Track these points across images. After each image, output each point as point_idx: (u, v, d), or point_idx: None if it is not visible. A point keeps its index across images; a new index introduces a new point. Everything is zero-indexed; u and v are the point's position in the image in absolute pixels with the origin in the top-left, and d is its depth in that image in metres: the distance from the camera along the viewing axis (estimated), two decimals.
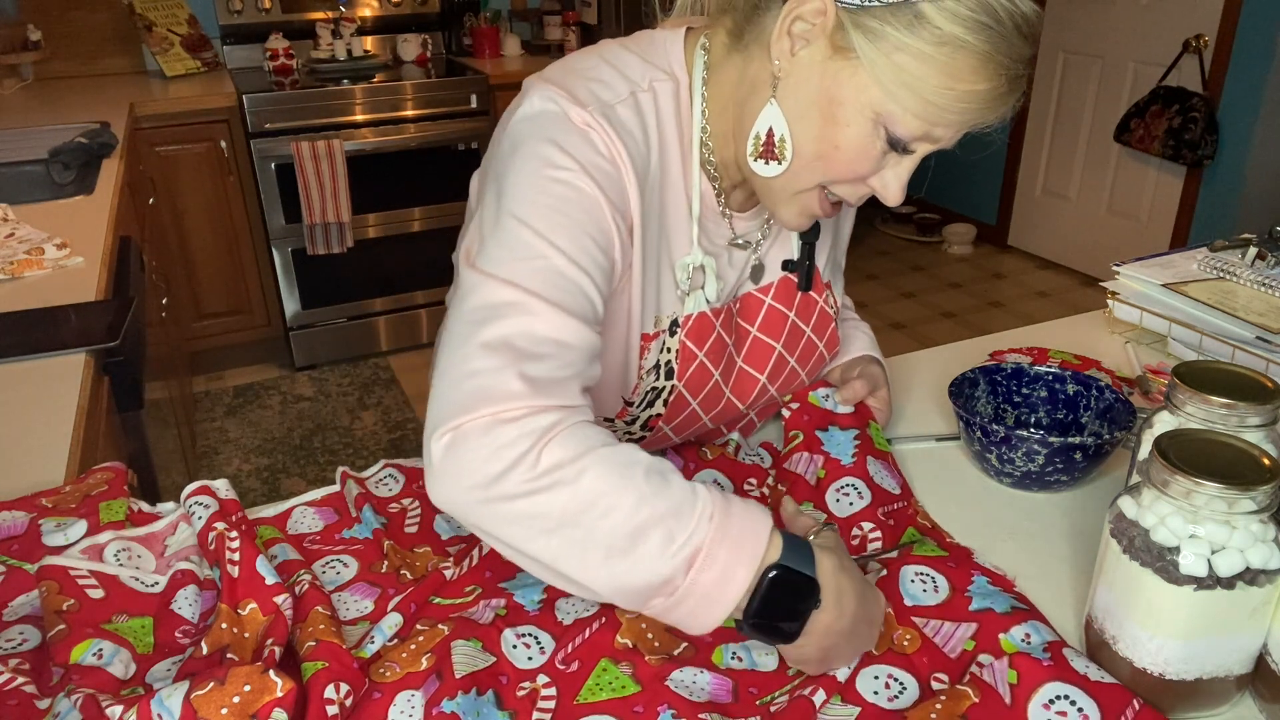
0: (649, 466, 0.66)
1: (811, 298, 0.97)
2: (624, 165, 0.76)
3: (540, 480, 0.62)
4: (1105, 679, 0.65)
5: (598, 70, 0.80)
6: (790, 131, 0.75)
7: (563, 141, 0.74)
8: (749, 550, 0.64)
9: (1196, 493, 0.60)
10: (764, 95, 0.75)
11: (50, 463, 0.95)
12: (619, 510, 0.63)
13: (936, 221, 4.59)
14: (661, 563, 0.63)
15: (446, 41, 3.68)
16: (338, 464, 2.68)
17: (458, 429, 0.63)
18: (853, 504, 0.87)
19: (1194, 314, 1.16)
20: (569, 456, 0.63)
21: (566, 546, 0.63)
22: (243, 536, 0.76)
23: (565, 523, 0.63)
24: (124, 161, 2.10)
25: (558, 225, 0.72)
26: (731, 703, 0.68)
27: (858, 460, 0.91)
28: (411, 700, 0.65)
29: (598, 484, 0.63)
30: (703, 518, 0.64)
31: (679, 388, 0.89)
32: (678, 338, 0.87)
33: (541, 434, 0.63)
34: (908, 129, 0.71)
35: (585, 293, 0.71)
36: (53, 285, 1.38)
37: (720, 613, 0.65)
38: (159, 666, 0.70)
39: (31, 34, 3.08)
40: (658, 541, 0.63)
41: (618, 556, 0.63)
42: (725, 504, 0.66)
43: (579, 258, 0.72)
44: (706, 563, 0.63)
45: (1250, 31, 3.26)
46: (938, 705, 0.65)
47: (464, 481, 0.63)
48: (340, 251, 3.11)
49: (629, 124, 0.78)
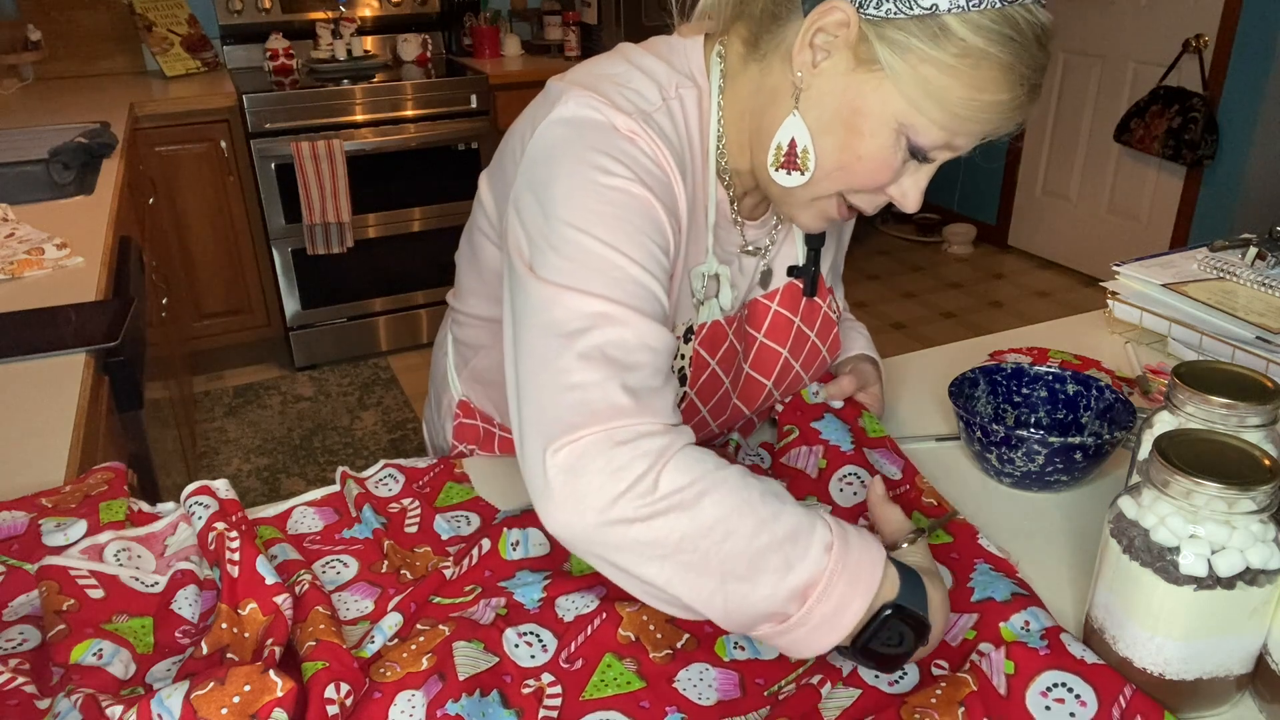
0: (764, 490, 0.65)
1: (815, 303, 0.98)
2: (671, 170, 0.76)
3: (658, 504, 0.62)
4: (1102, 662, 0.66)
5: (629, 77, 0.79)
6: (813, 142, 0.75)
7: (611, 149, 0.73)
8: (865, 584, 0.64)
9: (1196, 493, 0.60)
10: (785, 106, 0.75)
11: (50, 463, 0.95)
12: (737, 536, 0.62)
13: (936, 221, 4.59)
14: (779, 591, 0.62)
15: (446, 41, 3.68)
16: (338, 464, 2.68)
17: (573, 445, 0.62)
18: (856, 494, 0.88)
19: (1194, 314, 1.16)
20: (686, 481, 0.63)
21: (682, 572, 0.63)
22: (243, 536, 0.76)
23: (683, 548, 0.62)
24: (124, 161, 2.10)
25: (622, 233, 0.71)
26: (740, 697, 0.68)
27: (857, 448, 0.92)
28: (412, 700, 0.65)
29: (716, 509, 0.63)
30: (821, 546, 0.64)
31: (691, 395, 0.89)
32: (692, 345, 0.87)
33: (658, 456, 0.63)
34: (930, 139, 0.72)
35: (658, 297, 0.71)
36: (53, 285, 1.38)
37: (831, 641, 0.64)
38: (159, 666, 0.70)
39: (31, 34, 3.08)
40: (775, 569, 0.62)
41: (734, 582, 0.62)
42: (843, 533, 0.65)
43: (648, 263, 0.71)
44: (824, 594, 0.63)
45: (1250, 31, 3.26)
46: (938, 691, 0.66)
47: (585, 504, 0.62)
48: (340, 251, 3.11)
49: (667, 131, 0.78)
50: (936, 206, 4.72)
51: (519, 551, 0.83)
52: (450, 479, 0.96)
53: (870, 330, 1.12)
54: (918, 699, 0.66)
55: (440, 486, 0.95)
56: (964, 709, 0.64)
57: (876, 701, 0.67)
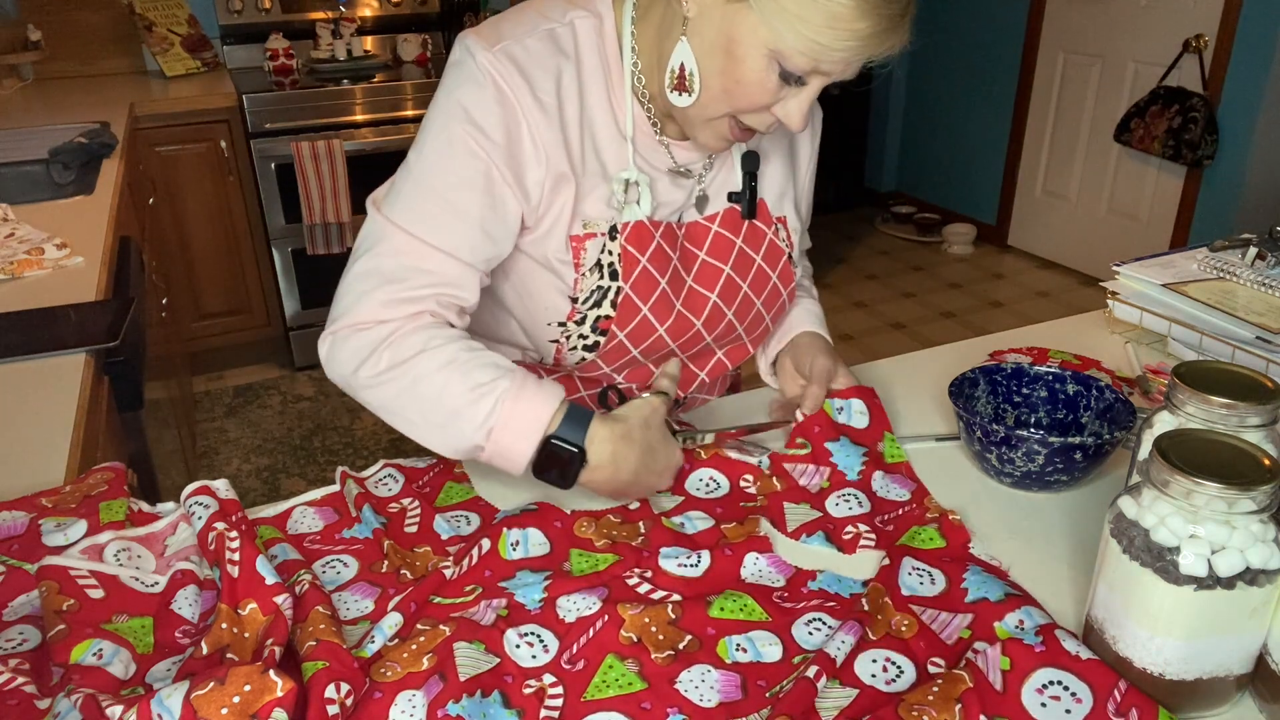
0: (465, 362, 0.86)
1: (759, 229, 1.04)
2: (527, 102, 0.88)
3: (382, 376, 0.87)
4: (1096, 658, 0.67)
5: (519, 14, 0.92)
6: (699, 67, 0.85)
7: (469, 92, 0.88)
8: (531, 426, 0.85)
9: (1196, 493, 0.60)
10: (676, 34, 0.86)
11: (50, 463, 0.95)
12: (432, 397, 0.85)
13: (936, 221, 4.59)
14: (470, 433, 0.85)
15: (446, 41, 3.68)
16: (338, 464, 2.68)
17: (333, 334, 0.90)
18: (851, 509, 0.88)
19: (1194, 314, 1.16)
20: (401, 358, 0.86)
21: (408, 425, 0.88)
22: (243, 536, 0.76)
23: (403, 405, 0.87)
24: (124, 161, 2.10)
25: (443, 171, 0.88)
26: (742, 699, 0.69)
27: (863, 477, 0.92)
28: (413, 700, 0.65)
29: (422, 382, 0.86)
30: (501, 398, 0.85)
31: (625, 289, 0.96)
32: (618, 242, 0.96)
33: (379, 342, 0.87)
34: (797, 64, 0.81)
35: (452, 225, 0.89)
36: (53, 285, 1.38)
37: (515, 468, 0.86)
38: (159, 666, 0.70)
39: (31, 34, 3.08)
40: (465, 420, 0.85)
41: (438, 431, 0.86)
42: (520, 389, 0.85)
43: (459, 203, 0.89)
44: (500, 434, 0.85)
45: (1250, 31, 3.26)
46: (934, 689, 0.66)
47: (335, 372, 0.90)
48: (340, 251, 3.11)
49: (537, 53, 0.90)
50: (936, 206, 4.72)
51: (519, 551, 0.83)
52: (450, 479, 0.96)
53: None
54: (915, 696, 0.66)
55: (440, 486, 0.95)
56: (961, 705, 0.64)
57: (874, 700, 0.68)
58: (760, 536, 0.85)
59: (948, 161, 4.67)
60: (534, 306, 0.98)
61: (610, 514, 0.89)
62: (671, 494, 0.93)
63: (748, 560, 0.83)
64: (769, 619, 0.76)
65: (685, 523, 0.88)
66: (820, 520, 0.87)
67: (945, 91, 4.57)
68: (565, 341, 0.98)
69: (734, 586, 0.80)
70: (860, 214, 4.89)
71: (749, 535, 0.86)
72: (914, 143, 4.86)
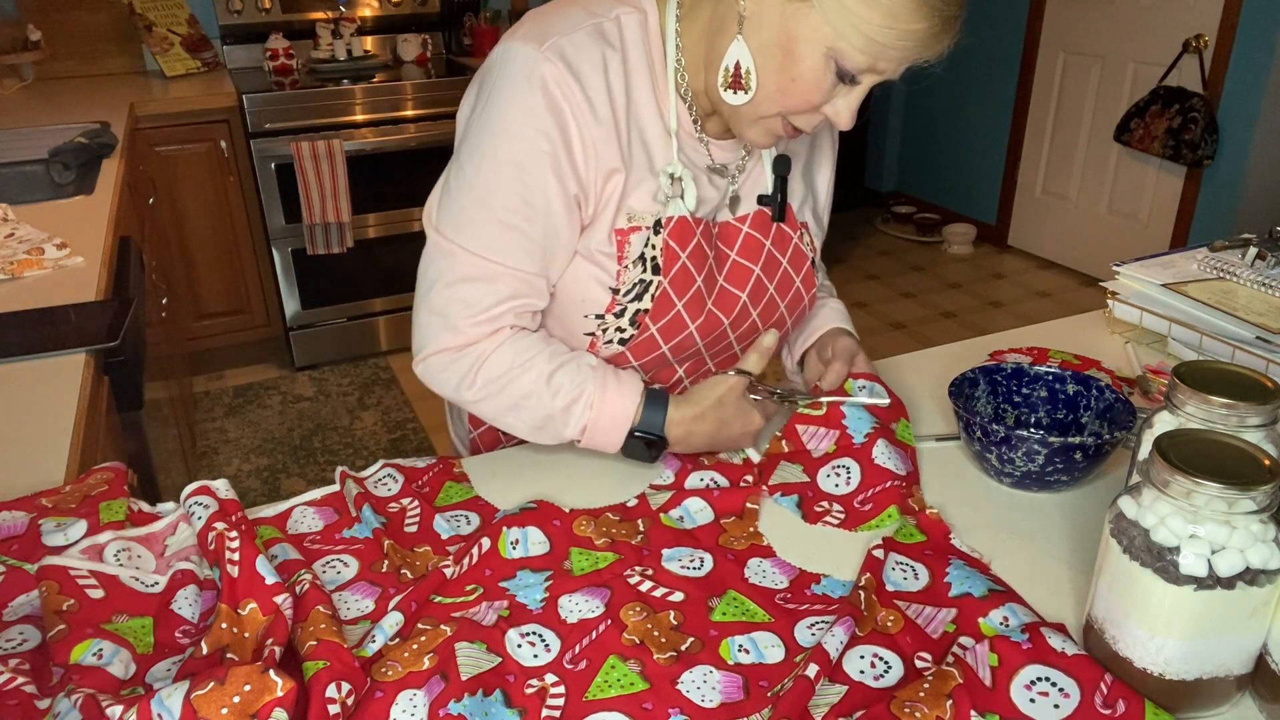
0: (546, 373, 0.93)
1: (786, 233, 1.06)
2: (576, 100, 0.89)
3: (479, 394, 0.95)
4: (1082, 653, 0.67)
5: (563, 10, 0.93)
6: (755, 65, 0.85)
7: (518, 98, 0.88)
8: (619, 423, 0.94)
9: (1196, 493, 0.60)
10: (731, 32, 0.86)
11: (50, 463, 0.95)
12: (528, 409, 0.94)
13: (936, 221, 4.59)
14: (568, 435, 0.95)
15: (446, 41, 3.68)
16: (338, 464, 2.68)
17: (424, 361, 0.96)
18: (836, 486, 0.91)
19: (1194, 314, 1.16)
20: (493, 376, 0.94)
21: (513, 429, 0.96)
22: (243, 536, 0.76)
23: (506, 419, 0.96)
24: (124, 161, 2.10)
25: (500, 189, 0.90)
26: (744, 700, 0.69)
27: (867, 442, 0.94)
28: (414, 699, 0.65)
29: (517, 398, 0.94)
30: (589, 404, 0.93)
31: (664, 284, 0.97)
32: (661, 236, 0.97)
33: (471, 366, 0.94)
34: (855, 63, 0.82)
35: (516, 240, 0.91)
36: (53, 285, 1.38)
37: (610, 452, 0.96)
38: (159, 666, 0.70)
39: (31, 34, 3.08)
40: (560, 424, 0.94)
41: (540, 433, 0.96)
42: (603, 391, 0.93)
43: (519, 218, 0.91)
44: (592, 436, 0.94)
45: (1250, 31, 3.26)
46: (925, 685, 0.67)
47: (440, 392, 0.98)
48: (340, 251, 3.11)
49: (585, 47, 0.90)
50: (936, 206, 4.72)
51: (519, 550, 0.83)
52: (450, 478, 0.96)
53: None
54: (906, 693, 0.66)
55: (440, 486, 0.95)
56: (951, 701, 0.65)
57: (864, 696, 0.68)
58: (764, 546, 0.85)
59: (948, 161, 4.67)
60: (571, 300, 0.98)
61: (609, 512, 0.89)
62: (669, 490, 0.94)
63: (751, 563, 0.83)
64: (771, 620, 0.76)
65: (684, 517, 0.89)
66: (802, 485, 0.91)
67: (945, 91, 4.57)
68: (601, 335, 0.98)
69: (737, 587, 0.80)
70: (860, 214, 4.89)
71: (751, 543, 0.86)
72: (914, 143, 4.86)
